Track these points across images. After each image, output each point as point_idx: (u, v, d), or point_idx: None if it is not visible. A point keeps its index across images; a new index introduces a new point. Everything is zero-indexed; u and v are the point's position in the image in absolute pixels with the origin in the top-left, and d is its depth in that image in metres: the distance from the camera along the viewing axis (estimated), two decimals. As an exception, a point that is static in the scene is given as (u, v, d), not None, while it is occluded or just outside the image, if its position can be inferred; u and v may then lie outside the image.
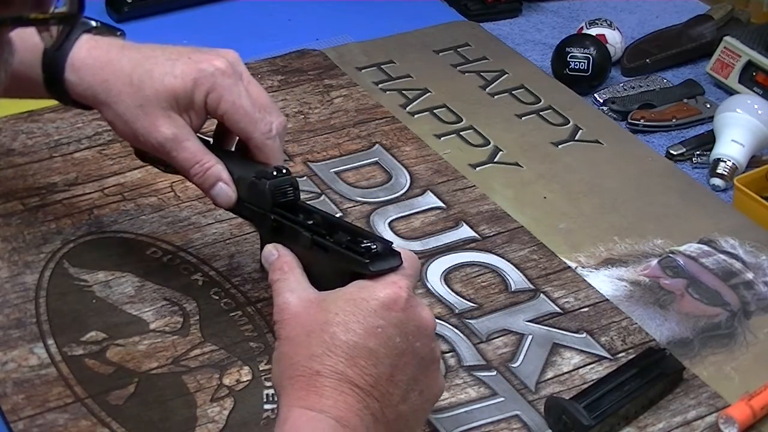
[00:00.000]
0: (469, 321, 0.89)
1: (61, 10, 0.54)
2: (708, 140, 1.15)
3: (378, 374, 0.67)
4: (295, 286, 0.72)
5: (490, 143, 1.12)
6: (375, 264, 0.70)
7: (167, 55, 0.82)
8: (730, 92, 1.24)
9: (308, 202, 0.84)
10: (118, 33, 0.87)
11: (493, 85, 1.21)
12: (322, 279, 0.73)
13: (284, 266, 0.74)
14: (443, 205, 1.02)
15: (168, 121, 0.80)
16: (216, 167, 0.81)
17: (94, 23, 0.85)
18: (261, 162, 0.82)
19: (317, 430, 0.64)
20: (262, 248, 0.78)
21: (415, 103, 1.17)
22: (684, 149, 1.15)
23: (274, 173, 0.79)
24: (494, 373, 0.84)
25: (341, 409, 0.65)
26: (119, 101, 0.81)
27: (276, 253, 0.75)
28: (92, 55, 0.83)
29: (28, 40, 0.80)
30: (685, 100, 1.23)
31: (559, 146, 1.13)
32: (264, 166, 0.81)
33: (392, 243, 0.72)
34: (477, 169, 1.08)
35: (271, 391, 0.80)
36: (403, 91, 1.18)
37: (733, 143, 1.11)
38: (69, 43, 0.83)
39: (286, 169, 0.80)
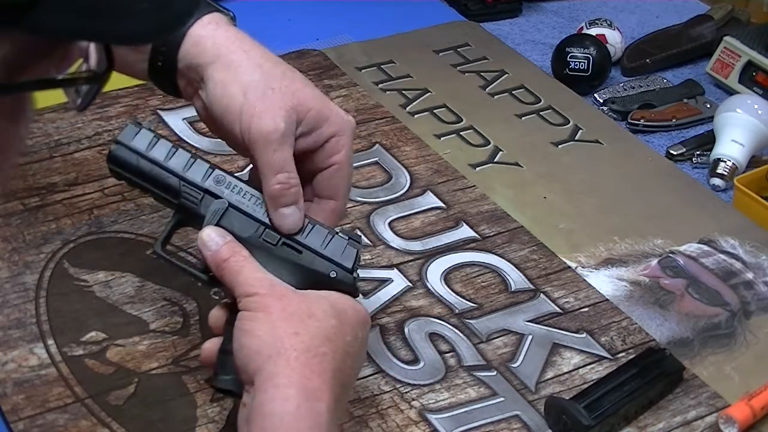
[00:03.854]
0: (469, 321, 0.89)
1: (90, 69, 0.47)
2: (708, 140, 1.15)
3: (353, 378, 0.71)
4: (260, 269, 0.70)
5: (490, 143, 1.12)
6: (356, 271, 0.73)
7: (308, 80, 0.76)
8: (730, 92, 1.24)
9: None
10: None
11: (493, 85, 1.21)
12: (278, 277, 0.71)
13: (242, 250, 0.71)
14: (443, 205, 1.02)
15: (287, 116, 0.71)
16: (300, 188, 0.73)
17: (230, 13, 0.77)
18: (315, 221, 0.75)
19: (317, 421, 0.65)
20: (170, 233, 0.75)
21: (415, 103, 1.17)
22: (684, 149, 1.15)
23: (352, 238, 0.75)
24: (494, 373, 0.84)
25: (331, 401, 0.66)
26: (251, 70, 0.72)
27: (227, 237, 0.71)
28: (230, 28, 0.75)
29: None
30: (685, 100, 1.23)
31: (559, 146, 1.13)
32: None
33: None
34: (477, 169, 1.08)
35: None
36: (403, 91, 1.18)
37: (733, 143, 1.11)
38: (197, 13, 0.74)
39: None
